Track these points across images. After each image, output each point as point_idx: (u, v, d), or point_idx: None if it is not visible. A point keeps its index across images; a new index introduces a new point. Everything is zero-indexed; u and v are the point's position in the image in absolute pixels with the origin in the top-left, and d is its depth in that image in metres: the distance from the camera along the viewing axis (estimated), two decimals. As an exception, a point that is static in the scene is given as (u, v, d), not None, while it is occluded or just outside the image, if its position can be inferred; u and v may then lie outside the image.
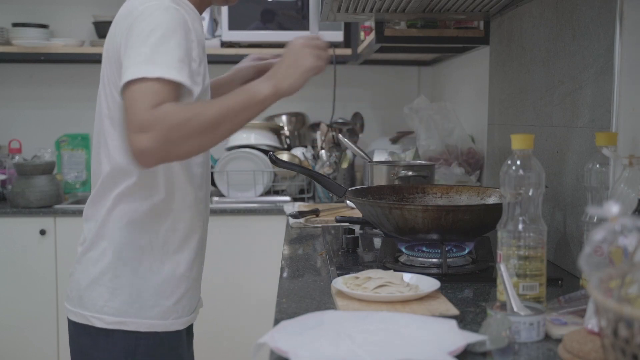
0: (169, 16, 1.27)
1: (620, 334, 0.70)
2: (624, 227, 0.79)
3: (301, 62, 1.32)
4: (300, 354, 0.90)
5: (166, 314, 1.42)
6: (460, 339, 0.96)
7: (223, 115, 1.24)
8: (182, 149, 1.23)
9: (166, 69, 1.23)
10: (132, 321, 1.39)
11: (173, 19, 1.28)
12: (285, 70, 1.31)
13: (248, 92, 1.29)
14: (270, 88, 1.29)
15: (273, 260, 2.66)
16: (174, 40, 1.26)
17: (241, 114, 1.27)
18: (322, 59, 1.35)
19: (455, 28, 2.23)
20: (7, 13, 3.33)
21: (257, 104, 1.29)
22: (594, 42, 1.38)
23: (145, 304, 1.40)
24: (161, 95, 1.21)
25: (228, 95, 1.28)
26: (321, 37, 1.39)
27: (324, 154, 3.05)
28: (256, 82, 1.31)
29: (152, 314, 1.40)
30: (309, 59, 1.33)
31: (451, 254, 1.48)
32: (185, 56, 1.27)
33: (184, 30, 1.29)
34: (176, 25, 1.28)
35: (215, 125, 1.24)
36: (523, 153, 1.08)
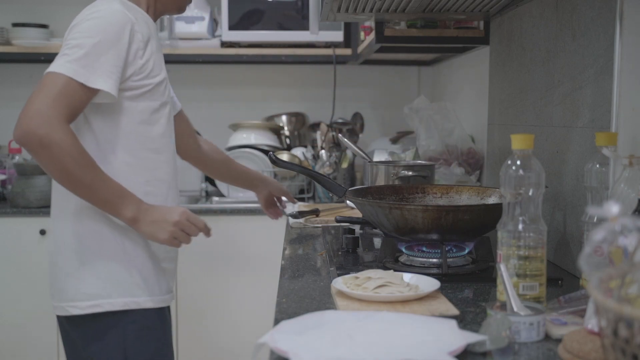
0: (112, 22, 1.41)
1: (620, 334, 0.70)
2: (624, 227, 0.79)
3: (158, 230, 1.44)
4: (300, 354, 0.90)
5: (137, 292, 1.50)
6: (460, 339, 0.96)
7: (87, 186, 1.38)
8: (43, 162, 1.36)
9: (89, 75, 1.37)
10: (107, 302, 1.47)
11: (113, 25, 1.41)
12: (150, 219, 1.44)
13: (118, 198, 1.41)
14: (131, 217, 1.42)
15: (273, 260, 2.66)
16: (106, 49, 1.39)
17: (95, 200, 1.41)
18: (178, 241, 1.47)
19: (455, 28, 2.23)
20: (7, 13, 3.33)
21: (112, 210, 1.42)
22: (594, 42, 1.38)
23: (115, 284, 1.48)
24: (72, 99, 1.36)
25: (106, 180, 1.40)
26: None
27: (324, 154, 3.05)
28: (133, 200, 1.43)
29: (125, 292, 1.48)
30: (164, 235, 1.44)
31: (451, 254, 1.47)
32: (114, 63, 1.40)
33: (123, 36, 1.42)
34: (115, 33, 1.41)
35: (74, 183, 1.37)
36: (523, 153, 1.08)
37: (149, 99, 1.49)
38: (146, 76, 1.47)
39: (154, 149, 1.52)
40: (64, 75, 1.36)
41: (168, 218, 1.44)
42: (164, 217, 1.44)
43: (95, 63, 1.38)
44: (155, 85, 1.50)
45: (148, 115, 1.50)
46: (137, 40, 1.45)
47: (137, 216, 1.42)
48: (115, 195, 1.40)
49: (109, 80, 1.39)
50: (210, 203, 3.06)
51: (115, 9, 1.44)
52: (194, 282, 2.85)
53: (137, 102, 1.48)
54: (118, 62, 1.40)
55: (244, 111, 3.45)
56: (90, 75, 1.37)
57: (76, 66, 1.36)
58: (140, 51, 1.45)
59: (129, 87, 1.46)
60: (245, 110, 3.45)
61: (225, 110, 3.46)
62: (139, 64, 1.45)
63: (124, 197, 1.41)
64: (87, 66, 1.37)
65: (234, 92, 3.50)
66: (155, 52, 1.51)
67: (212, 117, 3.43)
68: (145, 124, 1.50)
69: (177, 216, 1.44)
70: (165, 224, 1.43)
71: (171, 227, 1.44)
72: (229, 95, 3.50)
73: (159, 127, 1.52)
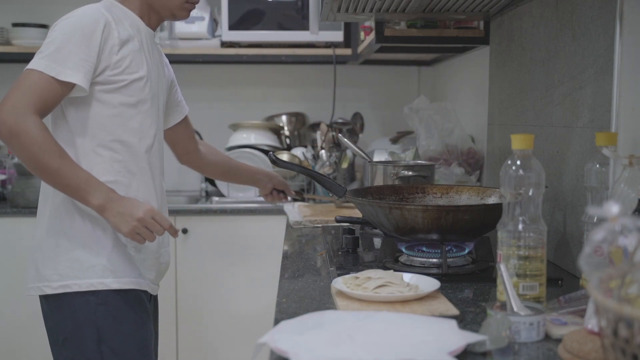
0: (85, 20, 1.48)
1: (620, 334, 0.70)
2: (624, 227, 0.79)
3: (122, 223, 1.47)
4: (300, 354, 0.90)
5: (105, 274, 1.54)
6: (460, 339, 0.96)
7: (54, 173, 1.43)
8: (13, 150, 1.42)
9: (60, 69, 1.43)
10: (75, 283, 1.53)
11: (86, 23, 1.47)
12: (117, 210, 1.47)
13: (86, 186, 1.45)
14: (98, 205, 1.46)
15: (273, 260, 2.66)
16: (77, 44, 1.45)
17: (63, 186, 1.46)
18: (140, 237, 1.49)
19: (455, 28, 2.23)
20: (7, 13, 3.33)
21: (80, 197, 1.46)
22: (594, 42, 1.38)
23: (84, 265, 1.53)
24: (44, 92, 1.43)
25: (75, 167, 1.45)
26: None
27: (324, 154, 3.05)
28: (101, 188, 1.47)
29: (93, 274, 1.53)
30: (127, 228, 1.47)
31: (451, 254, 1.48)
32: (85, 58, 1.46)
33: (95, 32, 1.47)
34: (87, 29, 1.47)
35: (42, 170, 1.43)
36: (523, 153, 1.08)
37: (124, 94, 1.54)
38: (121, 72, 1.52)
39: (125, 142, 1.56)
40: (36, 71, 1.44)
41: (133, 212, 1.47)
42: (129, 210, 1.47)
43: (66, 57, 1.44)
44: (131, 82, 1.54)
45: (123, 109, 1.54)
46: (112, 37, 1.50)
47: (105, 205, 1.46)
48: (83, 182, 1.45)
49: (78, 74, 1.45)
50: (210, 203, 3.06)
51: (92, 8, 1.51)
52: (194, 281, 2.85)
53: (111, 95, 1.52)
54: (90, 56, 1.46)
55: (244, 111, 3.46)
56: (61, 70, 1.44)
57: (47, 61, 1.44)
58: (115, 47, 1.51)
59: (103, 81, 1.51)
60: (245, 110, 3.45)
61: (225, 110, 3.46)
62: (113, 60, 1.51)
63: (92, 184, 1.46)
64: (58, 60, 1.44)
65: (234, 92, 3.50)
66: (135, 52, 1.55)
67: (212, 117, 3.43)
68: (118, 116, 1.54)
69: (142, 213, 1.47)
70: (130, 217, 1.46)
71: (134, 222, 1.47)
72: (229, 95, 3.50)
73: (133, 122, 1.56)
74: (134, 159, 1.58)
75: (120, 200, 1.48)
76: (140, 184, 1.59)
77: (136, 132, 1.57)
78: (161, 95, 1.68)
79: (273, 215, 2.85)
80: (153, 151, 1.62)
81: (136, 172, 1.59)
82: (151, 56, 1.62)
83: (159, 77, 1.67)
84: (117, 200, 1.48)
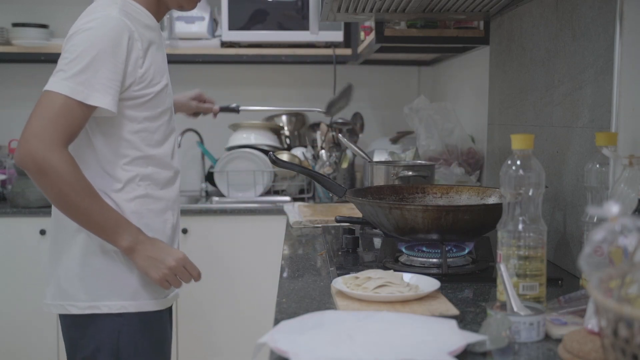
0: (108, 33, 1.38)
1: (620, 334, 0.70)
2: (624, 227, 0.79)
3: (152, 268, 1.45)
4: (300, 354, 0.90)
5: (136, 295, 1.49)
6: (460, 339, 0.96)
7: (83, 213, 1.38)
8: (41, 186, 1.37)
9: (88, 92, 1.35)
10: (105, 304, 1.47)
11: (110, 37, 1.38)
12: (147, 254, 1.43)
13: (115, 226, 1.41)
14: (127, 246, 1.42)
15: (273, 260, 2.66)
16: (103, 62, 1.36)
17: (92, 226, 1.41)
18: (168, 283, 1.47)
19: (455, 28, 2.23)
20: (7, 13, 3.33)
21: (108, 237, 1.42)
22: (594, 42, 1.38)
23: (116, 286, 1.47)
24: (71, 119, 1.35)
25: (104, 207, 1.40)
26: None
27: (324, 154, 3.05)
28: (130, 229, 1.42)
29: (124, 295, 1.48)
30: (157, 274, 1.44)
31: (451, 254, 1.47)
32: (112, 77, 1.38)
33: (120, 47, 1.39)
34: (112, 45, 1.38)
35: (71, 209, 1.38)
36: (523, 153, 1.08)
37: (148, 108, 1.47)
38: (146, 85, 1.45)
39: (151, 156, 1.51)
40: (61, 95, 1.34)
41: (165, 259, 1.44)
42: (161, 256, 1.44)
43: (92, 79, 1.35)
44: (156, 94, 1.48)
45: (147, 124, 1.48)
46: (136, 49, 1.42)
47: (134, 246, 1.42)
48: (112, 222, 1.40)
49: (107, 96, 1.37)
50: (210, 203, 3.06)
51: (112, 17, 1.40)
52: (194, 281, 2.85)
53: (136, 110, 1.46)
54: (116, 75, 1.38)
55: (244, 111, 3.45)
56: (89, 93, 1.35)
57: (73, 83, 1.34)
58: (139, 60, 1.43)
59: (129, 97, 1.44)
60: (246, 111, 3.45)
61: (225, 110, 3.45)
62: (138, 74, 1.43)
63: (121, 225, 1.41)
64: (85, 82, 1.35)
65: (234, 92, 3.50)
66: (156, 58, 1.49)
67: (212, 117, 3.42)
68: (143, 131, 1.48)
69: (174, 261, 1.44)
70: (161, 264, 1.43)
71: (165, 270, 1.44)
72: (229, 95, 3.50)
73: (158, 135, 1.51)
74: (161, 170, 1.53)
75: (150, 244, 1.44)
76: (169, 193, 1.56)
77: (160, 143, 1.52)
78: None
79: (273, 215, 2.85)
80: (175, 156, 1.58)
81: (164, 182, 1.54)
82: (164, 54, 1.56)
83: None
84: (146, 242, 1.43)
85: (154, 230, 1.52)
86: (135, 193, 1.48)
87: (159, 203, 1.53)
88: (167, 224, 1.56)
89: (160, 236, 1.53)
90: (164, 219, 1.55)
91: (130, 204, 1.49)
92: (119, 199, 1.48)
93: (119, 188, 1.47)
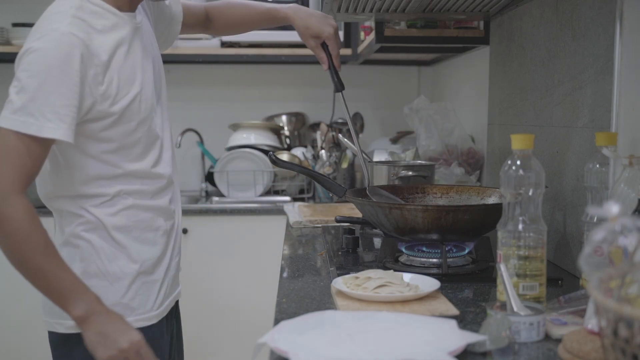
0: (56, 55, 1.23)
1: (620, 334, 0.70)
2: (624, 227, 0.79)
3: (101, 346, 1.27)
4: (300, 354, 0.90)
5: (125, 313, 1.37)
6: (460, 339, 0.96)
7: (33, 271, 1.25)
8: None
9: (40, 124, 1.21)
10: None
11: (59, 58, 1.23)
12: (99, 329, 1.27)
13: (69, 292, 1.26)
14: (79, 316, 1.26)
15: (273, 260, 2.66)
16: (54, 87, 1.22)
17: (42, 288, 1.27)
18: None
19: (455, 28, 2.23)
20: (7, 13, 3.32)
21: (60, 303, 1.27)
22: (594, 42, 1.38)
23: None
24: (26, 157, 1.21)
25: (60, 267, 1.26)
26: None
27: (324, 154, 3.05)
28: (86, 298, 1.27)
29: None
30: (104, 355, 1.27)
31: (451, 254, 1.47)
32: (66, 103, 1.23)
33: (71, 67, 1.24)
34: (61, 67, 1.23)
35: (20, 265, 1.26)
36: (523, 153, 1.08)
37: (121, 124, 1.34)
38: (112, 102, 1.31)
39: (134, 172, 1.40)
40: (11, 132, 1.21)
41: (118, 340, 1.26)
42: (114, 335, 1.26)
43: (43, 107, 1.21)
44: (125, 108, 1.34)
45: (124, 140, 1.36)
46: (92, 65, 1.27)
47: (87, 318, 1.26)
48: (66, 287, 1.25)
49: (62, 125, 1.23)
50: (210, 203, 3.06)
51: (60, 33, 1.24)
52: (194, 281, 2.85)
53: (109, 131, 1.33)
54: (71, 100, 1.24)
55: (244, 111, 3.45)
56: (41, 124, 1.21)
57: (22, 116, 1.21)
58: (98, 76, 1.28)
59: (95, 118, 1.31)
60: (245, 110, 3.45)
61: (225, 110, 3.46)
62: (99, 91, 1.29)
63: (77, 291, 1.26)
64: (34, 113, 1.21)
65: (234, 92, 3.50)
66: (124, 66, 1.34)
67: (212, 117, 3.43)
68: (121, 149, 1.36)
69: (127, 344, 1.26)
70: (112, 344, 1.26)
71: (115, 352, 1.26)
72: (229, 95, 3.50)
73: (138, 148, 1.39)
74: (147, 184, 1.43)
75: (106, 317, 1.28)
76: (160, 201, 1.46)
77: (141, 156, 1.40)
78: (162, 85, 1.49)
79: (273, 215, 2.85)
80: (164, 160, 1.46)
81: (154, 192, 1.44)
82: (141, 48, 1.40)
83: (154, 66, 1.45)
84: (102, 314, 1.27)
85: (144, 242, 1.44)
86: (120, 206, 1.39)
87: (149, 212, 1.44)
88: (159, 232, 1.46)
89: (152, 247, 1.45)
90: (155, 227, 1.45)
91: (113, 218, 1.38)
92: (101, 213, 1.37)
93: (99, 203, 1.37)
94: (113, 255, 1.39)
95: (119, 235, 1.40)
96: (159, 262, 1.47)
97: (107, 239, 1.39)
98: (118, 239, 1.40)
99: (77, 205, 1.37)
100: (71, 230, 1.39)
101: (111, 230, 1.39)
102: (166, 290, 1.49)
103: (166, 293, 1.49)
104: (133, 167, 1.39)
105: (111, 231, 1.39)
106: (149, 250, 1.44)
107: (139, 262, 1.42)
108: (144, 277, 1.43)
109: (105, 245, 1.39)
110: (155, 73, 1.46)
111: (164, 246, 1.49)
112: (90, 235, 1.38)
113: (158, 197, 1.46)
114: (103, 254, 1.39)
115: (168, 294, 1.51)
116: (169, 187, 1.49)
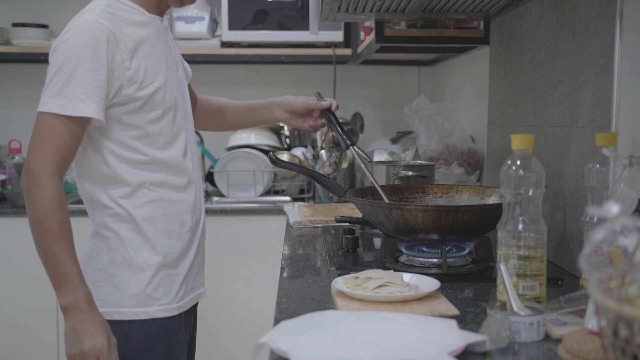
0: (85, 40, 1.33)
1: (620, 334, 0.70)
2: (624, 227, 0.79)
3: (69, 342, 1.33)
4: (300, 354, 0.90)
5: (147, 302, 1.45)
6: (460, 339, 0.96)
7: (41, 251, 1.32)
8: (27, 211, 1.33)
9: (74, 105, 1.31)
10: (116, 311, 1.43)
11: (87, 44, 1.33)
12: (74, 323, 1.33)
13: (63, 280, 1.32)
14: (64, 306, 1.33)
15: (273, 260, 2.66)
16: (85, 72, 1.32)
17: (46, 268, 1.34)
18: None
19: (455, 28, 2.23)
20: (7, 13, 3.33)
21: (54, 287, 1.33)
22: (594, 42, 1.38)
23: (125, 293, 1.44)
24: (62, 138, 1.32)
25: (64, 256, 1.32)
26: None
27: (324, 154, 3.05)
28: (76, 290, 1.33)
29: (135, 302, 1.44)
30: (69, 351, 1.33)
31: (451, 254, 1.47)
32: (96, 85, 1.33)
33: (99, 51, 1.33)
34: (90, 51, 1.33)
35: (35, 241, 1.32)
36: (523, 153, 1.08)
37: (146, 110, 1.42)
38: (138, 88, 1.39)
39: (159, 160, 1.45)
40: (50, 114, 1.32)
41: (83, 340, 1.32)
42: (82, 335, 1.32)
43: (76, 90, 1.31)
44: (150, 95, 1.41)
45: (149, 127, 1.43)
46: (119, 50, 1.36)
47: (69, 310, 1.32)
48: (62, 274, 1.32)
49: (92, 104, 1.32)
50: (210, 203, 3.06)
51: (88, 22, 1.35)
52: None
53: (134, 115, 1.41)
54: (100, 82, 1.33)
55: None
56: (76, 105, 1.31)
57: (59, 100, 1.31)
58: (126, 61, 1.37)
59: (122, 101, 1.38)
60: (245, 110, 3.45)
61: (225, 110, 3.45)
62: (126, 76, 1.37)
63: (71, 282, 1.32)
64: (69, 96, 1.31)
65: (234, 92, 3.49)
66: (150, 57, 1.42)
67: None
68: (145, 137, 1.43)
69: (88, 346, 1.31)
70: (77, 342, 1.32)
71: (76, 350, 1.32)
72: (229, 95, 3.48)
73: (162, 137, 1.45)
74: (173, 176, 1.47)
75: (86, 316, 1.32)
76: (187, 196, 1.50)
77: (167, 146, 1.46)
78: (184, 90, 1.55)
79: (273, 215, 2.85)
80: (188, 156, 1.51)
81: (179, 187, 1.49)
82: (165, 49, 1.48)
83: (177, 68, 1.53)
84: (83, 312, 1.32)
85: (169, 235, 1.47)
86: (147, 198, 1.44)
87: (176, 205, 1.48)
88: (185, 227, 1.50)
89: (177, 241, 1.49)
90: (181, 221, 1.50)
91: (141, 210, 1.44)
92: (129, 205, 1.43)
93: (127, 193, 1.43)
94: (139, 246, 1.45)
95: (146, 227, 1.45)
96: (183, 257, 1.52)
97: (135, 230, 1.45)
98: (145, 231, 1.45)
99: (106, 195, 1.43)
100: (101, 220, 1.44)
101: (139, 222, 1.44)
102: (188, 286, 1.54)
103: (188, 288, 1.54)
104: (158, 155, 1.45)
105: (139, 223, 1.44)
106: (173, 243, 1.49)
107: (162, 255, 1.47)
108: (166, 269, 1.48)
109: (132, 235, 1.44)
110: (179, 77, 1.54)
111: (189, 242, 1.53)
112: (119, 226, 1.44)
113: (184, 191, 1.51)
114: (129, 244, 1.44)
115: (190, 290, 1.56)
116: (193, 183, 1.53)
